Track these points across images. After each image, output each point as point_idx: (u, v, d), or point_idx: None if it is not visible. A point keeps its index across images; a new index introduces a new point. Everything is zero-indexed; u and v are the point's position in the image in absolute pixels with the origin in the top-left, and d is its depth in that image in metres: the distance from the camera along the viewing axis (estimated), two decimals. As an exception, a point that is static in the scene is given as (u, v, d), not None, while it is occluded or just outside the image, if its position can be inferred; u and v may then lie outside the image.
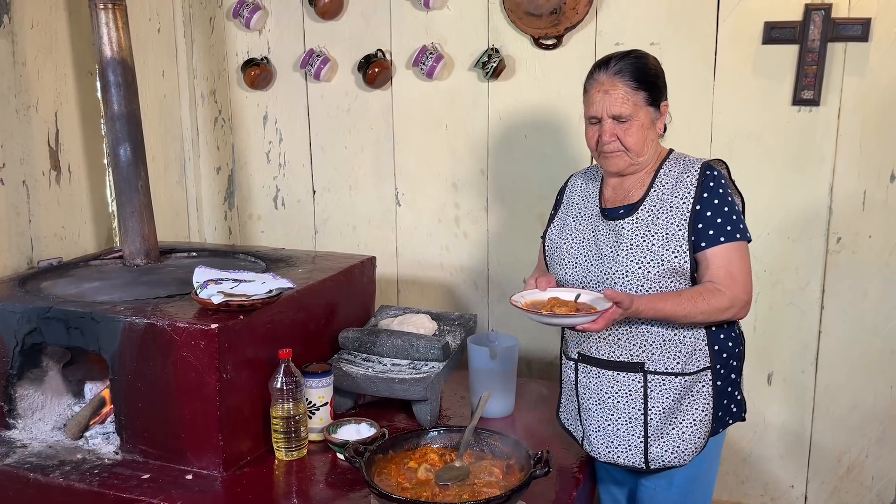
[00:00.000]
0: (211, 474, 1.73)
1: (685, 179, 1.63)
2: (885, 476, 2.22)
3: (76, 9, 2.33)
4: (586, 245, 1.70)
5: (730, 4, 2.12)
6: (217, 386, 1.69)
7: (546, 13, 2.26)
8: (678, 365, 1.63)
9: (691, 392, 1.64)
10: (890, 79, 2.02)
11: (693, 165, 1.65)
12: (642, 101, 1.62)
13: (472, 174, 2.52)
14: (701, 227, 1.59)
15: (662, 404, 1.64)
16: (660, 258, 1.59)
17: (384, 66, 2.51)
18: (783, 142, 2.14)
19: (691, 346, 1.63)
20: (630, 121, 1.62)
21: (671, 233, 1.60)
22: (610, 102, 1.62)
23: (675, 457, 1.65)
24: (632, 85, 1.61)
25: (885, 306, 2.13)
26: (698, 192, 1.61)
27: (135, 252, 2.19)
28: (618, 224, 1.65)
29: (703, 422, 1.65)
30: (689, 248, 1.59)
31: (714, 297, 1.57)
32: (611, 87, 1.62)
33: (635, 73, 1.62)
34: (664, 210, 1.62)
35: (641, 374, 1.64)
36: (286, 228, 2.82)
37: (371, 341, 2.04)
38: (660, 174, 1.66)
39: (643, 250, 1.60)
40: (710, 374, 1.65)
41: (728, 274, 1.58)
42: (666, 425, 1.64)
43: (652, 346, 1.63)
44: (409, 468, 1.63)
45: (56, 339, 1.86)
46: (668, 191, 1.63)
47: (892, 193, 2.07)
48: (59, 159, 2.31)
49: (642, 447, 1.66)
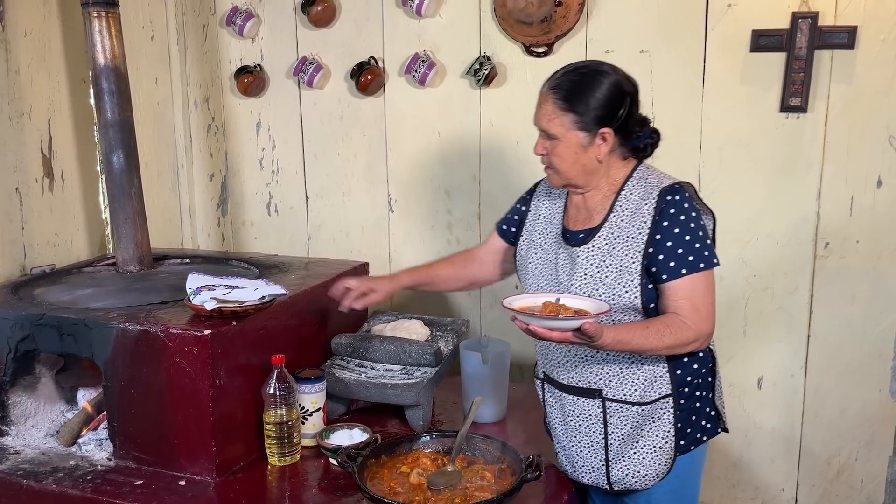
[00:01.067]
0: (204, 480, 1.74)
1: (644, 207, 1.56)
2: (875, 479, 2.24)
3: (69, 17, 2.34)
4: (547, 268, 1.68)
5: (718, 13, 2.14)
6: (210, 392, 1.70)
7: (537, 21, 2.28)
8: (636, 393, 1.60)
9: (651, 419, 1.61)
10: (876, 86, 2.05)
11: (653, 190, 1.56)
12: (570, 123, 1.53)
13: (464, 181, 2.53)
14: (662, 259, 1.53)
15: (621, 430, 1.62)
16: (612, 292, 1.55)
17: (377, 74, 2.52)
18: (771, 148, 2.16)
19: (650, 374, 1.60)
20: (557, 140, 1.55)
21: (625, 266, 1.55)
22: (540, 116, 1.57)
23: (635, 480, 1.63)
24: (560, 105, 1.54)
25: (872, 311, 2.15)
26: (657, 220, 1.53)
27: (128, 259, 2.20)
28: (574, 252, 1.61)
29: (664, 449, 1.62)
30: (640, 282, 1.54)
31: (681, 332, 1.52)
32: (543, 101, 1.57)
33: (568, 92, 1.53)
34: (621, 239, 1.56)
35: (600, 401, 1.63)
36: (279, 235, 2.83)
37: (364, 347, 2.05)
38: (620, 197, 1.59)
39: (596, 282, 1.56)
40: (671, 401, 1.61)
41: (692, 306, 1.53)
42: (626, 449, 1.62)
43: (609, 373, 1.61)
44: (402, 473, 1.64)
45: (49, 346, 1.87)
46: (626, 217, 1.57)
47: (879, 199, 2.10)
48: (53, 166, 2.32)
49: (604, 469, 1.65)
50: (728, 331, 2.28)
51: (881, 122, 2.06)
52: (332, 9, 2.54)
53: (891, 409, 2.18)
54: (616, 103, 1.55)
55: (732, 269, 2.25)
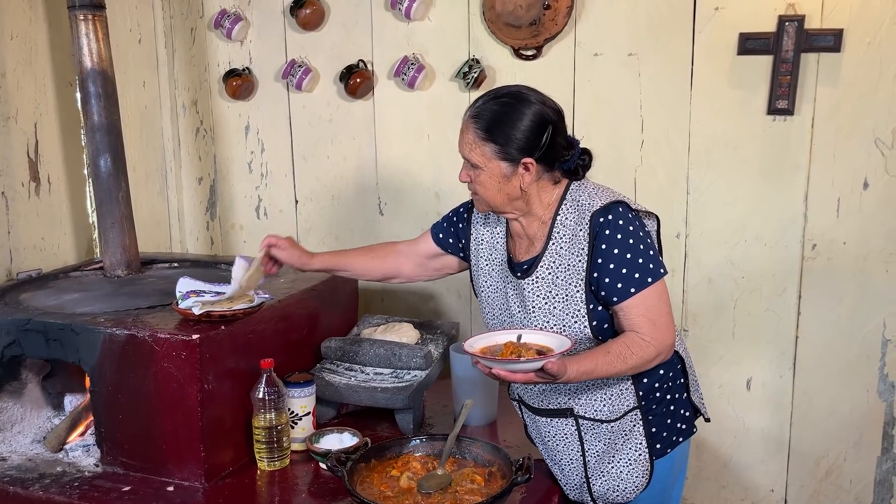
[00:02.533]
0: (192, 486, 1.73)
1: (578, 233, 1.53)
2: (864, 479, 2.25)
3: (56, 20, 2.32)
4: (498, 298, 1.68)
5: (705, 16, 2.15)
6: (198, 397, 1.69)
7: (526, 24, 2.29)
8: (605, 409, 1.60)
9: (623, 433, 1.61)
10: (862, 88, 2.06)
11: (584, 215, 1.53)
12: (491, 153, 1.50)
13: (454, 184, 2.50)
14: (608, 282, 1.50)
15: (597, 447, 1.64)
16: (562, 323, 1.55)
17: (366, 77, 2.52)
18: (759, 151, 2.17)
19: (616, 389, 1.60)
20: (480, 169, 1.52)
21: (570, 295, 1.53)
22: (462, 144, 1.54)
23: (616, 494, 1.64)
24: (480, 134, 1.50)
25: (859, 312, 2.16)
26: (594, 245, 1.51)
27: (115, 263, 2.19)
28: (521, 284, 1.59)
29: (639, 461, 1.62)
30: (587, 311, 1.53)
31: (642, 350, 1.50)
32: (465, 129, 1.53)
33: (488, 122, 1.49)
34: (563, 269, 1.54)
35: (573, 419, 1.64)
36: (269, 238, 2.81)
37: (354, 350, 2.04)
38: (556, 223, 1.56)
39: (546, 314, 1.56)
40: (638, 413, 1.61)
41: (649, 321, 1.51)
42: (604, 465, 1.63)
43: (577, 392, 1.62)
44: (392, 477, 1.64)
45: (35, 352, 1.85)
46: (565, 245, 1.55)
47: (865, 201, 2.11)
48: (39, 170, 2.30)
49: (585, 485, 1.66)
50: (717, 332, 2.29)
51: (867, 124, 2.07)
52: (320, 12, 2.54)
53: (879, 409, 2.20)
54: (537, 133, 1.50)
55: (721, 271, 2.26)
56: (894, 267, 2.11)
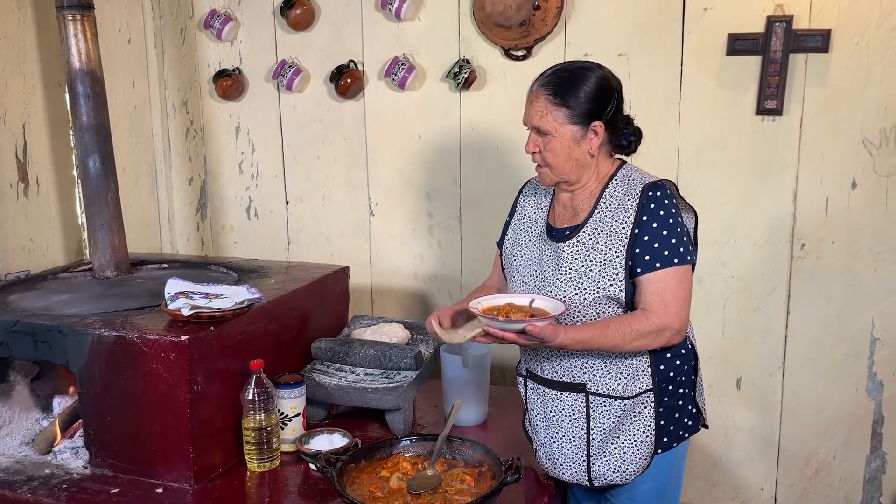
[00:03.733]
0: (182, 487, 1.72)
1: (626, 203, 1.58)
2: (853, 477, 2.26)
3: (44, 20, 2.31)
4: (533, 264, 1.69)
5: (694, 17, 2.16)
6: (188, 398, 1.68)
7: (516, 25, 2.29)
8: (619, 387, 1.61)
9: (633, 414, 1.62)
10: (850, 88, 2.07)
11: (636, 187, 1.59)
12: (563, 118, 1.56)
13: (444, 183, 2.53)
14: (638, 252, 1.55)
15: (604, 425, 1.63)
16: (596, 285, 1.57)
17: (356, 77, 2.52)
18: (748, 150, 2.18)
19: (633, 368, 1.61)
20: (550, 136, 1.57)
21: (609, 259, 1.57)
22: (532, 113, 1.59)
23: (616, 476, 1.64)
24: (552, 100, 1.56)
25: (848, 311, 2.17)
26: (638, 215, 1.56)
27: (104, 264, 2.17)
28: (559, 247, 1.62)
29: (644, 443, 1.63)
30: (625, 275, 1.55)
31: (642, 325, 1.53)
32: (535, 98, 1.59)
33: (559, 87, 1.56)
34: (604, 234, 1.58)
35: (584, 395, 1.64)
36: (259, 239, 2.81)
37: (344, 351, 2.04)
38: (605, 194, 1.62)
39: (581, 276, 1.58)
40: (652, 395, 1.63)
41: (661, 301, 1.54)
42: (608, 444, 1.63)
43: (593, 367, 1.62)
44: (381, 477, 1.64)
45: (23, 353, 1.84)
46: (610, 213, 1.59)
47: (853, 200, 2.12)
48: (27, 171, 2.29)
49: (585, 465, 1.66)
50: (707, 331, 2.29)
51: (855, 123, 2.09)
52: (310, 12, 2.54)
53: (867, 407, 2.21)
54: (605, 98, 1.58)
55: (711, 270, 2.27)
56: (882, 266, 2.12)
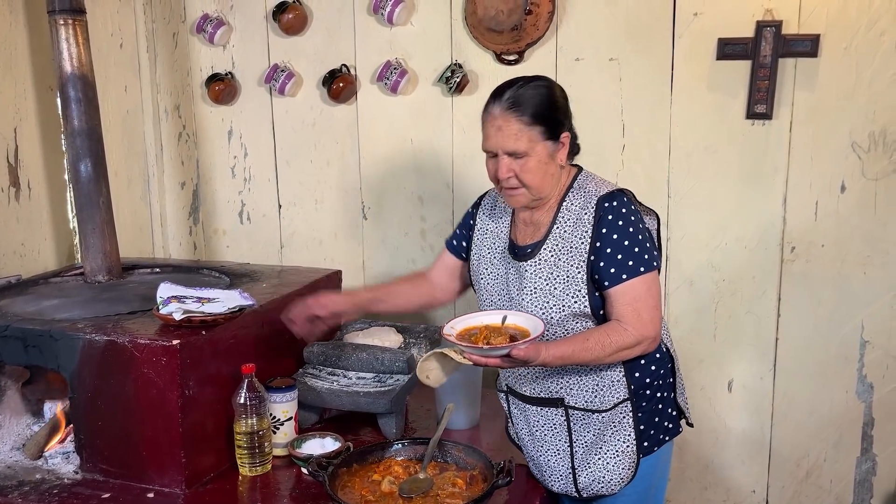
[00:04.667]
0: (173, 492, 1.72)
1: (584, 217, 1.58)
2: (844, 479, 2.27)
3: (36, 25, 2.31)
4: (498, 284, 1.69)
5: (684, 21, 2.17)
6: (179, 402, 1.68)
7: (507, 29, 2.30)
8: (596, 400, 1.63)
9: (612, 425, 1.64)
10: (839, 93, 2.09)
11: (591, 199, 1.58)
12: (538, 135, 1.54)
13: (437, 187, 2.54)
14: (603, 266, 1.54)
15: (585, 437, 1.65)
16: (561, 303, 1.57)
17: (349, 81, 2.52)
18: (738, 154, 2.20)
19: (608, 379, 1.62)
20: (526, 157, 1.54)
21: (571, 276, 1.56)
22: (503, 138, 1.53)
23: (602, 486, 1.66)
24: (525, 120, 1.52)
25: (838, 313, 2.18)
26: (596, 228, 1.55)
27: (96, 269, 2.17)
28: (522, 265, 1.62)
29: (626, 453, 1.64)
30: (587, 291, 1.56)
31: (621, 338, 1.53)
32: (504, 123, 1.53)
33: (530, 107, 1.53)
34: (566, 250, 1.58)
35: (563, 409, 1.65)
36: (252, 243, 2.81)
37: (336, 355, 2.04)
38: (562, 208, 1.61)
39: (545, 294, 1.58)
40: (629, 405, 1.64)
41: (633, 311, 1.54)
42: (591, 456, 1.65)
43: (569, 382, 1.64)
44: (373, 481, 1.64)
45: (14, 358, 1.84)
46: (569, 229, 1.59)
47: (842, 204, 2.14)
48: (19, 175, 2.29)
49: (571, 477, 1.67)
50: (698, 334, 2.30)
51: (844, 128, 2.10)
52: (303, 16, 2.54)
53: (858, 410, 2.22)
54: (566, 107, 1.60)
55: (701, 273, 2.28)
56: (871, 269, 2.14)
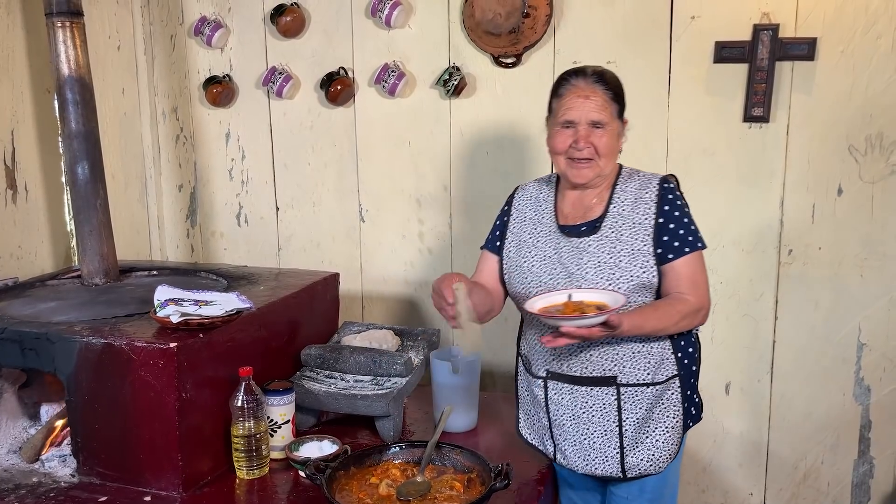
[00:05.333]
0: (170, 495, 1.71)
1: (644, 195, 1.67)
2: (841, 482, 2.27)
3: (33, 27, 2.31)
4: (548, 263, 1.70)
5: (682, 25, 2.18)
6: (176, 405, 1.68)
7: (505, 32, 2.30)
8: (648, 375, 1.67)
9: (661, 400, 1.68)
10: (835, 96, 2.09)
11: (651, 181, 1.69)
12: (615, 112, 1.67)
13: (435, 190, 2.54)
14: (667, 240, 1.63)
15: (636, 415, 1.67)
16: (629, 274, 1.62)
17: (347, 84, 2.52)
18: (735, 157, 2.20)
19: (658, 356, 1.68)
20: (605, 128, 1.65)
21: (637, 248, 1.63)
22: (589, 108, 1.64)
23: (650, 465, 1.68)
24: (609, 94, 1.66)
25: (835, 316, 2.19)
26: (659, 206, 1.65)
27: (93, 271, 2.17)
28: (582, 241, 1.67)
29: (676, 428, 1.70)
30: (655, 264, 1.63)
31: (684, 307, 1.62)
32: (591, 93, 1.64)
33: (611, 83, 1.67)
34: (627, 226, 1.65)
35: (614, 388, 1.66)
36: (249, 246, 2.81)
37: (334, 358, 2.04)
38: (616, 190, 1.70)
39: (611, 267, 1.63)
40: (678, 381, 1.70)
41: (693, 283, 1.64)
42: (640, 434, 1.67)
43: (623, 359, 1.66)
44: (371, 484, 1.63)
45: (11, 361, 1.83)
46: (628, 206, 1.67)
47: (839, 206, 2.14)
48: (16, 178, 2.28)
49: (618, 458, 1.68)
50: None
51: (841, 131, 2.11)
52: (301, 19, 2.54)
53: (855, 412, 2.22)
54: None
55: (699, 276, 2.28)
56: (868, 272, 2.14)
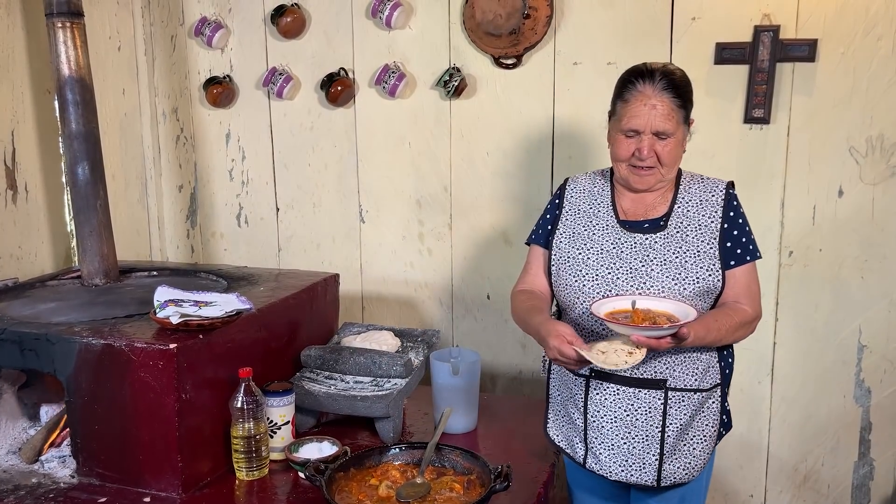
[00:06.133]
0: (170, 496, 1.71)
1: (710, 198, 1.64)
2: (841, 484, 2.27)
3: (34, 27, 2.31)
4: (607, 257, 1.65)
5: (682, 26, 2.18)
6: (176, 406, 1.68)
7: (505, 33, 2.30)
8: (696, 381, 1.63)
9: (703, 408, 1.65)
10: (836, 97, 2.09)
11: (717, 185, 1.66)
12: (681, 118, 1.60)
13: (435, 191, 2.54)
14: (730, 246, 1.61)
15: (680, 421, 1.63)
16: (694, 276, 1.59)
17: (347, 85, 2.52)
18: (736, 159, 2.20)
19: (706, 363, 1.65)
20: (670, 137, 1.58)
21: (702, 251, 1.60)
22: (656, 118, 1.57)
23: (685, 473, 1.65)
24: (677, 102, 1.58)
25: (835, 318, 2.18)
26: (725, 211, 1.62)
27: (93, 272, 2.17)
28: (647, 238, 1.62)
29: (711, 437, 1.67)
30: (720, 268, 1.59)
31: (742, 316, 1.59)
32: (658, 102, 1.57)
33: (679, 88, 1.58)
34: (692, 228, 1.62)
35: (663, 391, 1.62)
36: (249, 246, 2.81)
37: (333, 359, 2.04)
38: (680, 190, 1.67)
39: (677, 267, 1.59)
40: (719, 390, 1.67)
41: (750, 292, 1.62)
42: (679, 442, 1.64)
43: (674, 363, 1.62)
44: (371, 485, 1.63)
45: (10, 362, 1.83)
46: (693, 208, 1.64)
47: (840, 208, 2.14)
48: (16, 178, 2.28)
49: (656, 465, 1.64)
50: (696, 339, 2.30)
51: (842, 132, 2.10)
52: (301, 20, 2.54)
53: (855, 414, 2.22)
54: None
55: (700, 277, 2.27)
56: (869, 273, 2.14)
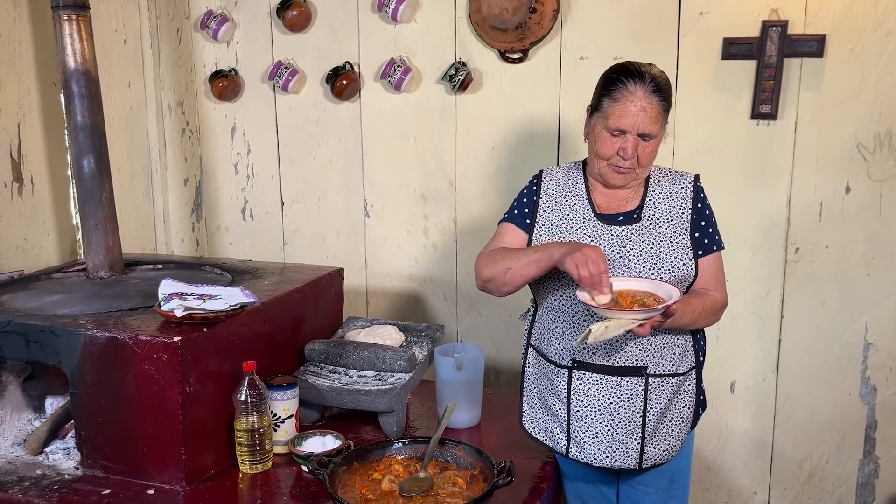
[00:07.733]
0: (173, 489, 1.72)
1: (679, 190, 1.70)
2: (846, 482, 2.26)
3: (40, 20, 2.31)
4: None
5: (690, 21, 2.16)
6: (180, 399, 1.68)
7: (512, 28, 2.29)
8: (673, 366, 1.69)
9: (680, 391, 1.71)
10: (844, 94, 2.08)
11: (685, 177, 1.72)
12: (664, 121, 1.65)
13: (440, 186, 2.53)
14: (698, 236, 1.68)
15: (659, 405, 1.69)
16: (670, 265, 1.65)
17: (352, 79, 2.52)
18: (743, 155, 2.19)
19: (682, 347, 1.71)
20: (653, 139, 1.63)
21: (676, 241, 1.66)
22: (645, 119, 1.59)
23: (665, 454, 1.71)
24: (663, 105, 1.62)
25: (841, 315, 2.17)
26: (694, 202, 1.69)
27: (98, 264, 2.17)
28: (623, 230, 1.67)
29: (688, 418, 1.74)
30: (693, 257, 1.66)
31: (713, 301, 1.67)
32: (648, 105, 1.60)
33: (665, 92, 1.63)
34: (664, 219, 1.67)
35: (643, 378, 1.67)
36: (254, 240, 2.81)
37: (337, 353, 2.04)
38: (651, 184, 1.72)
39: (653, 257, 1.65)
40: (694, 373, 1.74)
41: (717, 280, 1.70)
42: (659, 425, 1.70)
43: (653, 349, 1.67)
44: (374, 480, 1.63)
45: (15, 354, 1.83)
46: (664, 200, 1.69)
47: (847, 205, 2.13)
48: (22, 171, 2.29)
49: (638, 448, 1.69)
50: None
51: (849, 129, 2.09)
52: (307, 13, 2.54)
53: (860, 412, 2.21)
54: None
55: (705, 274, 2.27)
56: (876, 271, 2.13)
